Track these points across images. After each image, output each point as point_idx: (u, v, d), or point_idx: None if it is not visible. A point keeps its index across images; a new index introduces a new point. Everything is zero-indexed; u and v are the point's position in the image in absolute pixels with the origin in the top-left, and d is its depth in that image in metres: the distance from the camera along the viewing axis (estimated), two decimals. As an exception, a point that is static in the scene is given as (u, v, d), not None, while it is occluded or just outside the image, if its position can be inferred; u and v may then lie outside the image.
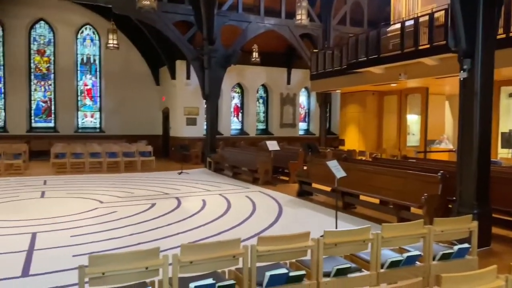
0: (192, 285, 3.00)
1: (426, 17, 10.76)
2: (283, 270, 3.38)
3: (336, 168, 6.40)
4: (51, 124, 19.16)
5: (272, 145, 11.89)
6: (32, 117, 18.89)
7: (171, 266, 3.04)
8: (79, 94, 19.66)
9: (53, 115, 19.20)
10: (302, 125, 21.96)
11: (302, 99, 21.96)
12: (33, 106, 18.92)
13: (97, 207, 8.54)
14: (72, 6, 18.63)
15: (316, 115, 20.86)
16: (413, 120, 15.88)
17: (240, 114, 20.61)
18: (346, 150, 15.52)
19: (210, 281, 3.06)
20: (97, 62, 19.94)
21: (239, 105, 20.59)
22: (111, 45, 15.00)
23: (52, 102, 19.17)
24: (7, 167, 13.68)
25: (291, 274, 3.38)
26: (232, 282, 3.19)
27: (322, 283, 3.50)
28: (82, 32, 19.59)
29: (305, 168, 10.83)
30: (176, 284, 3.02)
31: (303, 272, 3.48)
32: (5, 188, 10.77)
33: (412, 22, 11.33)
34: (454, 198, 6.25)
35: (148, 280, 3.18)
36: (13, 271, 4.84)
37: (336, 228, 6.44)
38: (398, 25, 11.96)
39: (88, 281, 2.81)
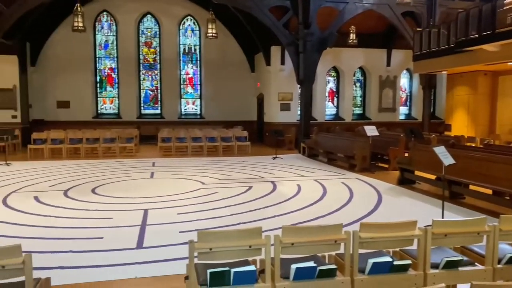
0: (293, 266, 3.03)
1: (556, -17, 9.37)
2: (386, 258, 3.25)
3: (443, 155, 5.93)
4: (158, 111, 20.73)
5: (371, 130, 11.42)
6: (141, 105, 20.62)
7: (272, 246, 3.10)
8: (181, 82, 20.93)
9: (159, 103, 20.74)
10: (403, 109, 20.79)
11: (403, 81, 20.75)
12: (142, 95, 20.63)
13: (200, 188, 9.06)
14: (175, -1, 19.83)
15: (419, 98, 19.59)
16: (534, 102, 14.09)
17: (335, 99, 20.17)
18: (453, 135, 14.34)
19: (311, 264, 3.07)
20: (197, 51, 20.98)
21: (334, 89, 20.15)
22: (210, 34, 15.59)
23: (159, 91, 20.70)
24: (121, 150, 15.17)
25: (396, 263, 3.24)
26: (333, 266, 3.15)
27: (430, 275, 3.30)
28: (184, 23, 20.71)
29: (406, 154, 10.25)
30: (278, 264, 3.07)
31: (408, 261, 3.32)
32: (120, 168, 11.95)
33: (537, -10, 9.96)
34: None
35: (251, 259, 3.28)
36: (130, 243, 5.35)
37: (443, 218, 6.01)
38: (519, -5, 10.59)
39: (197, 256, 2.99)
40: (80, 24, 13.62)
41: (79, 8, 13.52)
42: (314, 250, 3.26)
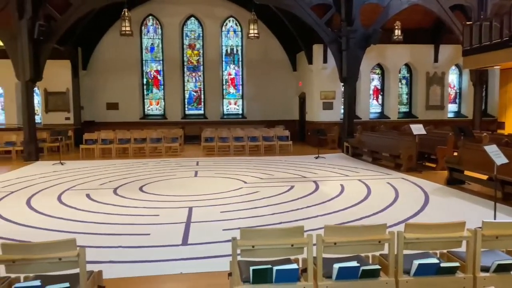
0: (336, 266, 3.02)
1: None
2: (433, 260, 3.16)
3: (495, 154, 5.66)
4: (201, 112, 21.15)
5: (417, 129, 11.06)
6: (186, 106, 21.12)
7: (315, 246, 3.10)
8: (224, 83, 21.23)
9: (202, 103, 21.15)
10: (452, 107, 19.96)
11: (452, 78, 19.91)
12: (186, 96, 21.12)
13: (242, 187, 9.17)
14: (217, 1, 20.11)
15: (469, 95, 18.75)
16: None
17: (380, 97, 19.70)
18: (507, 134, 13.59)
19: (354, 263, 3.04)
20: (239, 52, 21.19)
21: (378, 87, 19.68)
22: (252, 35, 15.67)
23: (202, 92, 21.12)
24: (167, 149, 15.64)
25: (443, 265, 3.14)
26: (377, 267, 3.11)
27: (480, 278, 3.17)
28: (226, 24, 20.98)
29: (455, 154, 9.85)
30: (320, 263, 3.07)
31: (456, 264, 3.21)
32: (166, 167, 12.31)
33: None
34: None
35: (293, 257, 3.30)
36: (175, 239, 5.52)
37: (495, 220, 5.73)
38: None
39: (239, 253, 3.05)
40: (128, 29, 14.15)
41: (126, 13, 14.06)
42: (357, 250, 3.23)
